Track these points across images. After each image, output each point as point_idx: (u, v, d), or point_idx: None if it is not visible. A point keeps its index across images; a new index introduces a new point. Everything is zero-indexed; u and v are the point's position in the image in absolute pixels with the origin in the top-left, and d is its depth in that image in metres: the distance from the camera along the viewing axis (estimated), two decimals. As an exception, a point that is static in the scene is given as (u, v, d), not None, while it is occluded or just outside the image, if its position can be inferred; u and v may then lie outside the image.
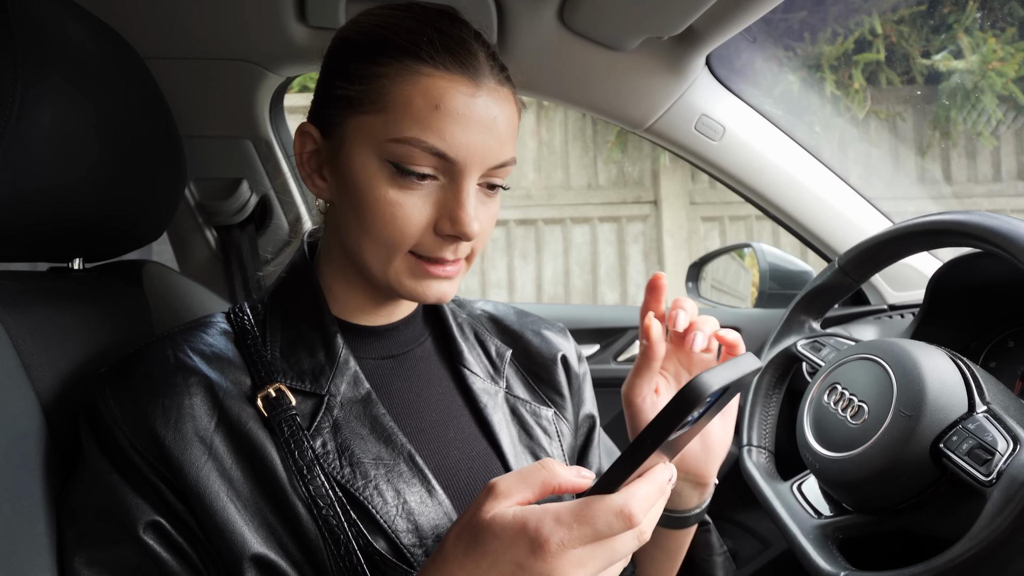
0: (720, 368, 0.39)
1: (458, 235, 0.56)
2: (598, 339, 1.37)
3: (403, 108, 0.54)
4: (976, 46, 3.53)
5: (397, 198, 0.55)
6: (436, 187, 0.56)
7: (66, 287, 0.65)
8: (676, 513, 0.61)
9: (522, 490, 0.42)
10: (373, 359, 0.64)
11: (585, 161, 4.30)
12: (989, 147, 3.88)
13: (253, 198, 1.17)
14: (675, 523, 0.61)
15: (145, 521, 0.51)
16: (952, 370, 0.64)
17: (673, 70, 1.01)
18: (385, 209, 0.55)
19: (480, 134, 0.55)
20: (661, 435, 0.39)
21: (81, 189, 0.60)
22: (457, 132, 0.54)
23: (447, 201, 0.56)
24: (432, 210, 0.56)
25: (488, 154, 0.56)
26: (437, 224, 0.56)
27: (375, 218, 0.56)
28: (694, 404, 0.37)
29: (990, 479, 0.55)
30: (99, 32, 0.64)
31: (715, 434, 0.59)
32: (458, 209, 0.55)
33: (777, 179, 1.14)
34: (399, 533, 0.54)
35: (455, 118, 0.54)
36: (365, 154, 0.56)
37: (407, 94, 0.54)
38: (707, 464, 0.58)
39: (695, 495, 0.61)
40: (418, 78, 0.54)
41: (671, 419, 0.38)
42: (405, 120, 0.54)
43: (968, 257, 0.84)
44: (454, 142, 0.54)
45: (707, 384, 0.37)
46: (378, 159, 0.55)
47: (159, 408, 0.53)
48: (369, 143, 0.56)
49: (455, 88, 0.54)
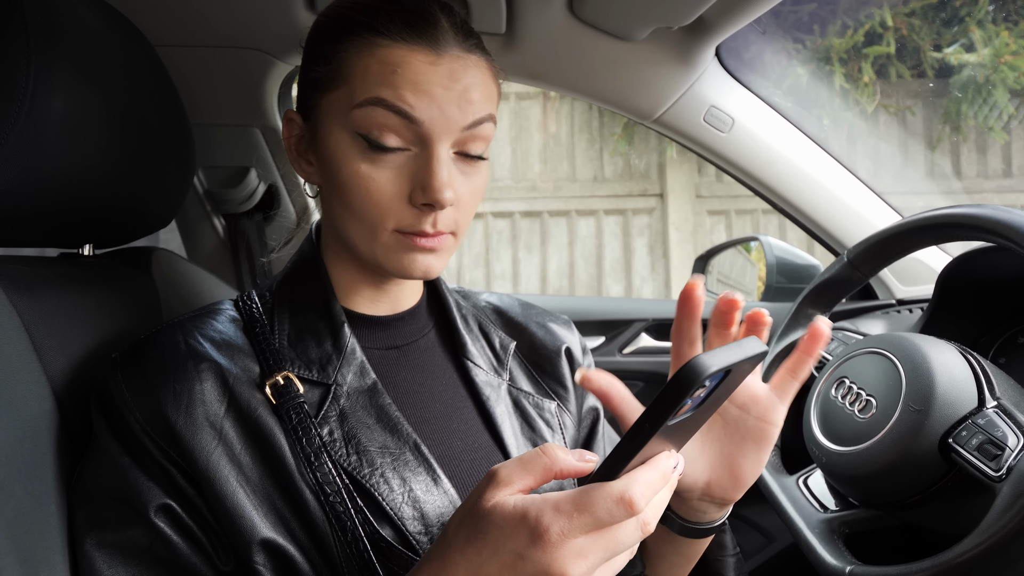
0: (720, 350, 0.38)
1: (431, 203, 0.56)
2: (603, 331, 1.37)
3: (360, 77, 0.55)
4: (988, 39, 3.49)
5: (369, 171, 0.56)
6: (408, 158, 0.57)
7: (77, 272, 0.65)
8: (696, 525, 0.60)
9: (523, 477, 0.42)
10: (378, 349, 0.64)
11: (591, 153, 4.28)
12: (1000, 142, 3.85)
13: (261, 186, 1.17)
14: (694, 533, 0.61)
15: (156, 504, 0.51)
16: (962, 365, 0.64)
17: (682, 61, 1.01)
18: (359, 183, 0.56)
19: (443, 99, 0.55)
20: (659, 419, 0.38)
21: (92, 175, 0.60)
22: (418, 93, 0.55)
23: (419, 171, 0.56)
24: (406, 181, 0.56)
25: (455, 115, 0.56)
26: (411, 195, 0.56)
27: (352, 194, 0.57)
28: (690, 386, 0.36)
29: (1000, 474, 0.54)
30: (111, 19, 0.64)
31: (747, 465, 0.55)
32: (428, 176, 0.55)
33: (786, 172, 1.13)
34: (405, 521, 0.54)
35: (415, 83, 0.55)
36: (337, 131, 0.57)
37: (365, 63, 0.55)
38: (733, 492, 0.56)
39: (717, 512, 0.60)
40: (375, 49, 0.55)
41: (669, 402, 0.37)
42: (364, 84, 0.55)
43: (978, 251, 0.84)
44: (415, 102, 0.55)
45: (704, 366, 0.36)
46: (349, 134, 0.56)
47: (170, 393, 0.53)
48: (338, 118, 0.57)
49: (413, 56, 0.55)
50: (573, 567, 0.39)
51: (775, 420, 0.54)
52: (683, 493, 0.56)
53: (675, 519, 0.58)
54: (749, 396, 0.54)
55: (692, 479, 0.55)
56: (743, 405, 0.54)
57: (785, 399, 0.54)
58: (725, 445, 0.55)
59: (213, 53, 1.00)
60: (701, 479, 0.55)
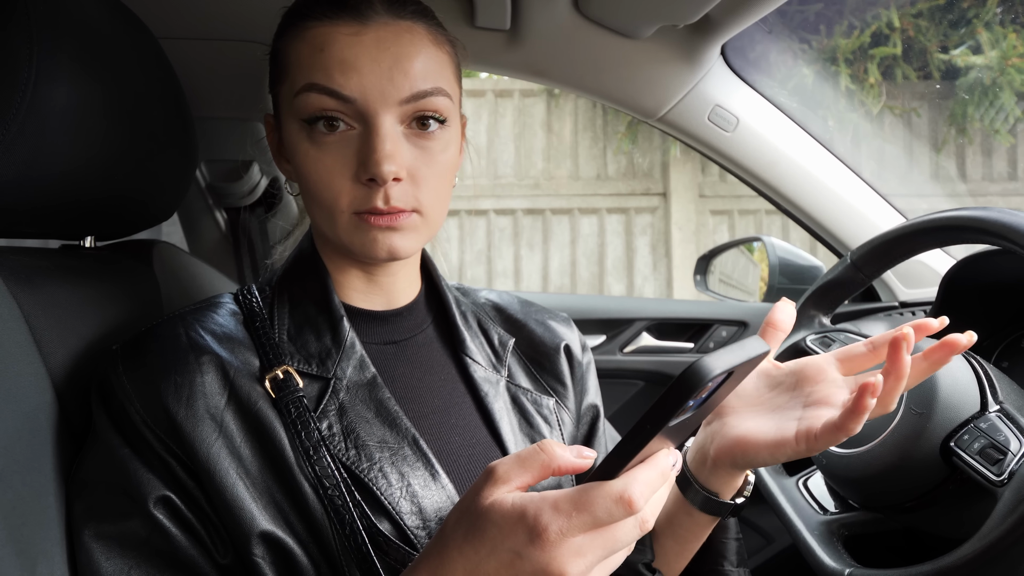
0: (723, 351, 0.38)
1: (372, 176, 0.55)
2: (604, 330, 1.37)
3: (296, 64, 0.57)
4: (996, 41, 3.47)
5: (317, 155, 0.57)
6: (352, 136, 0.57)
7: (78, 264, 0.65)
8: (718, 498, 0.60)
9: (521, 474, 0.42)
10: (376, 344, 0.64)
11: (594, 152, 4.27)
12: (1006, 144, 3.83)
13: (263, 180, 1.17)
14: (713, 507, 0.60)
15: (155, 496, 0.51)
16: (965, 368, 0.64)
17: (688, 59, 1.00)
18: (310, 168, 0.57)
19: (374, 70, 0.55)
20: (661, 420, 0.38)
21: (94, 167, 0.60)
22: (346, 70, 0.55)
23: (362, 147, 0.56)
24: (351, 159, 0.57)
25: (389, 88, 0.55)
26: (356, 173, 0.57)
27: (307, 180, 0.58)
28: (694, 389, 0.36)
29: (1002, 479, 0.54)
30: (114, 10, 0.63)
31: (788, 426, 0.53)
32: (368, 150, 0.55)
33: (790, 172, 1.13)
34: (403, 515, 0.54)
35: (341, 59, 0.55)
36: (289, 122, 0.58)
37: (296, 50, 0.57)
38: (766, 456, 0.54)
39: (737, 478, 0.60)
40: (304, 32, 0.57)
41: (672, 404, 0.37)
42: (298, 73, 0.57)
43: (982, 255, 0.83)
44: (344, 80, 0.55)
45: (708, 368, 0.36)
46: (296, 122, 0.57)
47: (171, 385, 0.53)
48: (287, 110, 0.58)
49: (337, 31, 0.56)
50: (571, 566, 0.39)
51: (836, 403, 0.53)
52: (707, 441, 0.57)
53: (698, 489, 0.59)
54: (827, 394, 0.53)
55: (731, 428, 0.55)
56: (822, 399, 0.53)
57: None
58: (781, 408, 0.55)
59: (216, 46, 1.00)
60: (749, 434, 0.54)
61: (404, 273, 0.67)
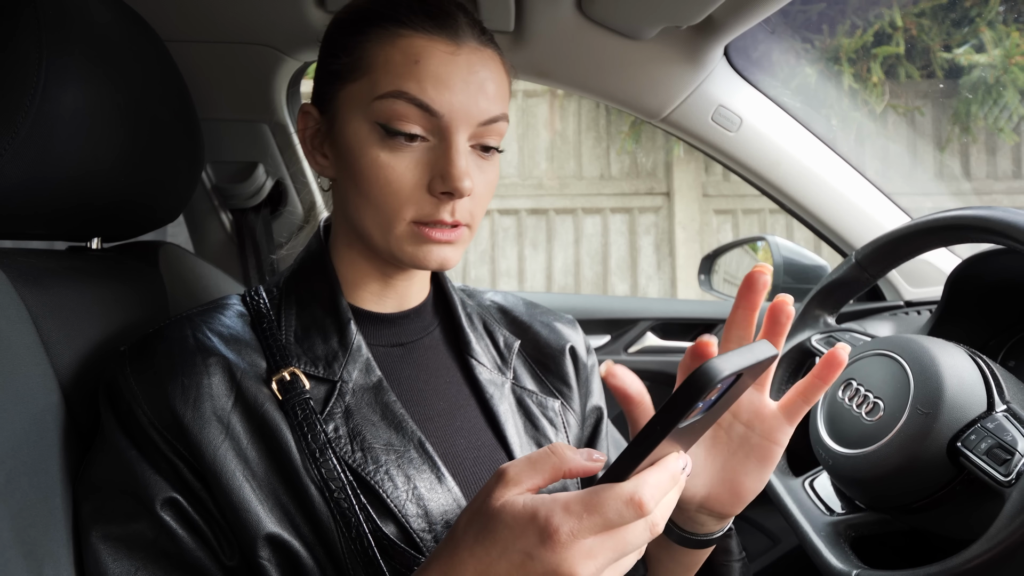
0: (732, 354, 0.38)
1: (451, 191, 0.56)
2: (609, 330, 1.37)
3: (383, 66, 0.56)
4: (999, 40, 3.46)
5: (388, 160, 0.56)
6: (426, 148, 0.57)
7: (85, 266, 0.66)
8: (694, 536, 0.60)
9: (532, 476, 0.42)
10: (383, 346, 0.64)
11: (598, 151, 4.27)
12: (1010, 143, 3.82)
13: (269, 182, 1.17)
14: (691, 543, 0.60)
15: (162, 498, 0.51)
16: (971, 368, 0.64)
17: (691, 60, 1.00)
18: (378, 172, 0.57)
19: (463, 90, 0.56)
20: (670, 422, 0.38)
21: (102, 170, 0.60)
22: (439, 86, 0.55)
23: (438, 160, 0.57)
24: (424, 171, 0.57)
25: (474, 110, 0.57)
26: (430, 184, 0.57)
27: (370, 183, 0.57)
28: (703, 390, 0.36)
29: (1009, 479, 0.54)
30: (121, 14, 0.64)
31: (748, 482, 0.54)
32: (448, 165, 0.56)
33: (794, 172, 1.12)
34: (409, 518, 0.54)
35: (436, 74, 0.55)
36: (356, 120, 0.58)
37: (387, 53, 0.56)
38: (732, 507, 0.55)
39: (716, 525, 0.60)
40: (396, 39, 0.56)
41: (681, 406, 0.37)
42: (386, 76, 0.56)
43: (987, 254, 0.83)
44: (436, 95, 0.55)
45: (717, 370, 0.36)
46: (368, 123, 0.57)
47: (179, 387, 0.53)
48: (358, 108, 0.57)
49: (434, 46, 0.56)
50: (582, 567, 0.39)
51: (780, 440, 0.52)
52: (681, 504, 0.55)
53: (673, 528, 0.58)
54: (755, 413, 0.52)
55: (691, 491, 0.53)
56: (749, 422, 0.53)
57: (793, 420, 0.52)
58: (728, 460, 0.53)
59: (223, 49, 1.00)
60: (700, 492, 0.53)
61: (419, 276, 0.67)
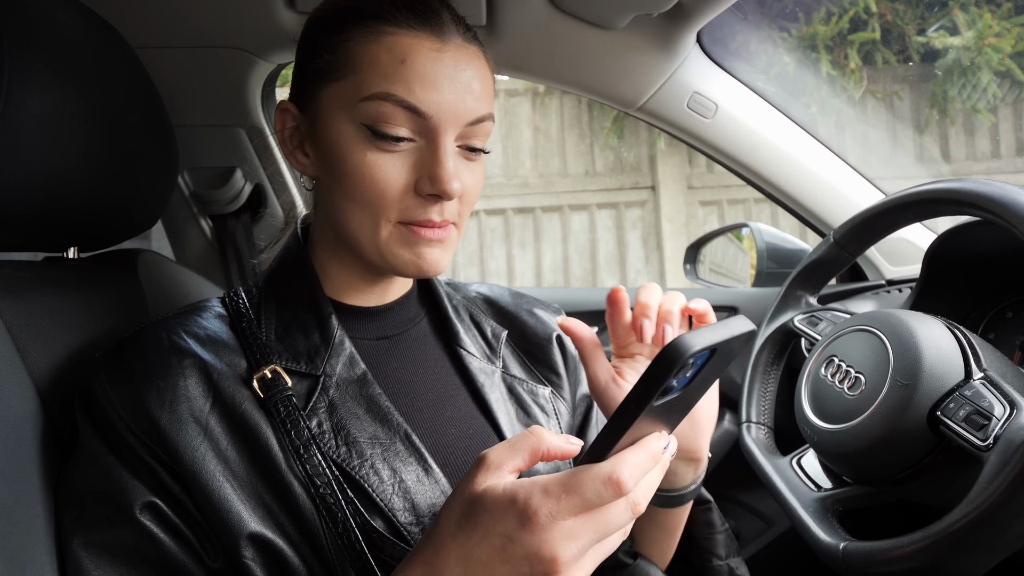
0: (705, 329, 0.37)
1: (438, 193, 0.56)
2: (597, 321, 1.37)
3: (370, 66, 0.55)
4: (972, 22, 3.50)
5: (375, 160, 0.56)
6: (414, 149, 0.57)
7: (61, 275, 0.65)
8: (671, 492, 0.60)
9: (512, 458, 0.42)
10: (368, 340, 0.64)
11: (582, 148, 4.28)
12: (987, 123, 3.86)
13: (247, 186, 1.16)
14: (670, 502, 0.61)
15: (142, 502, 0.51)
16: (948, 338, 0.64)
17: (664, 47, 1.01)
18: (364, 172, 0.56)
19: (450, 89, 0.55)
20: (644, 400, 0.37)
21: (72, 176, 0.60)
22: (426, 87, 0.55)
23: (425, 161, 0.56)
24: (411, 172, 0.56)
25: (461, 109, 0.56)
26: (417, 185, 0.56)
27: (355, 183, 0.56)
28: (672, 366, 0.36)
29: (987, 443, 0.54)
30: (87, 20, 0.63)
31: (701, 407, 0.58)
32: (436, 167, 0.56)
33: (771, 156, 1.13)
34: (395, 511, 0.54)
35: (423, 74, 0.55)
36: (340, 120, 0.56)
37: (372, 52, 0.55)
38: (696, 439, 0.57)
39: (689, 471, 0.60)
40: (382, 37, 0.55)
41: (653, 383, 0.37)
42: (373, 77, 0.55)
43: (964, 227, 0.84)
44: (424, 97, 0.55)
45: (687, 345, 0.36)
46: (353, 124, 0.56)
47: (154, 390, 0.53)
48: (343, 108, 0.56)
49: (420, 44, 0.55)
50: (563, 549, 0.39)
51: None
52: None
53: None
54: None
55: None
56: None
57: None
58: None
59: (194, 54, 1.00)
60: None
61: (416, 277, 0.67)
